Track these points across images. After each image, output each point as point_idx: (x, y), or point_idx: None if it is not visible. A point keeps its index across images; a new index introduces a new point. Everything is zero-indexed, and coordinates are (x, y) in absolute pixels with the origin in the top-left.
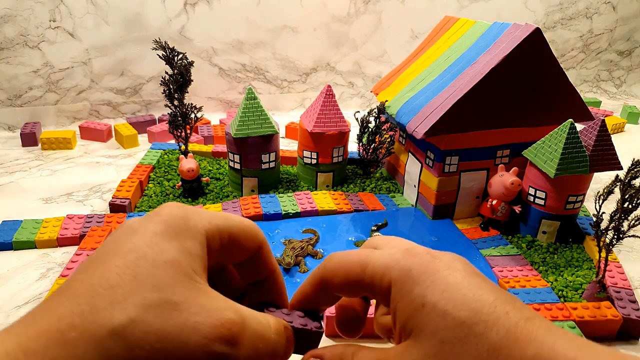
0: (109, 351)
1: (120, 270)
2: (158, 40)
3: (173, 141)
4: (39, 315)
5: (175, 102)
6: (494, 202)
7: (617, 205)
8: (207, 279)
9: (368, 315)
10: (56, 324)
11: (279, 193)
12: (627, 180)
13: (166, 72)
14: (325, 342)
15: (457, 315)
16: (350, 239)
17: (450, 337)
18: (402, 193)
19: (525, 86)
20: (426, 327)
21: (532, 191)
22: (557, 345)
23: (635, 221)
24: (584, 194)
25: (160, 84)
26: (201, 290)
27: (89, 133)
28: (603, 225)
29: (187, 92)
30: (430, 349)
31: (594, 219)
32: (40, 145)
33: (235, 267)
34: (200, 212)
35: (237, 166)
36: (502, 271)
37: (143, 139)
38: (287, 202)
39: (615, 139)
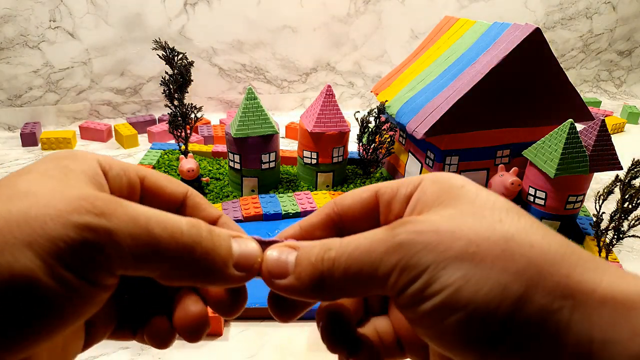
0: None
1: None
2: (158, 40)
3: (173, 141)
4: None
5: (175, 102)
6: None
7: (617, 205)
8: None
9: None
10: None
11: (279, 193)
12: (627, 180)
13: (166, 72)
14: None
15: (498, 199)
16: None
17: (492, 205)
18: None
19: (526, 86)
20: (464, 197)
21: (532, 191)
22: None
23: (635, 221)
24: (584, 194)
25: (160, 84)
26: (65, 182)
27: (89, 133)
28: (603, 225)
29: (187, 92)
30: (467, 208)
31: (594, 219)
32: (40, 145)
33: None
34: (96, 154)
35: (237, 166)
36: None
37: (143, 139)
38: (287, 202)
39: (615, 139)
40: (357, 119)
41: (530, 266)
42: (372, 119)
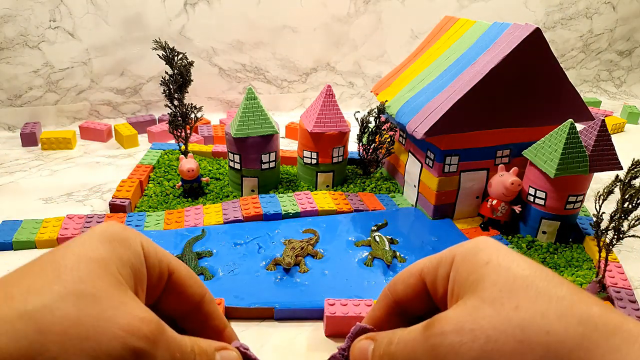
0: (19, 332)
1: (45, 263)
2: (158, 40)
3: (173, 141)
4: None
5: (175, 102)
6: (494, 202)
7: (617, 205)
8: (141, 297)
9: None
10: None
11: (279, 193)
12: (627, 180)
13: (166, 72)
14: (324, 342)
15: (519, 271)
16: (350, 238)
17: (511, 286)
18: (402, 193)
19: (525, 86)
20: (487, 279)
21: (532, 191)
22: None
23: (635, 221)
24: (584, 194)
25: (160, 84)
26: (123, 291)
27: (89, 133)
28: (603, 225)
29: (187, 92)
30: (488, 295)
31: (594, 219)
32: (40, 145)
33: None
34: (141, 235)
35: (237, 166)
36: None
37: (143, 139)
38: (287, 202)
39: (615, 139)
40: (357, 119)
41: (547, 355)
42: (372, 119)
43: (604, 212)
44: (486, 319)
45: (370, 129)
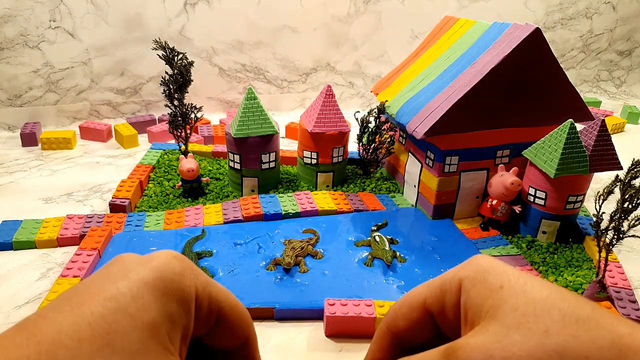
0: None
1: (94, 321)
2: (158, 40)
3: (173, 141)
4: None
5: (175, 102)
6: (494, 202)
7: (617, 205)
8: (183, 350)
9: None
10: None
11: (279, 193)
12: (627, 180)
13: (166, 72)
14: (324, 342)
15: (537, 293)
16: (350, 238)
17: (533, 309)
18: (402, 193)
19: (525, 86)
20: (505, 304)
21: (532, 191)
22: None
23: (635, 221)
24: (584, 194)
25: (160, 84)
26: None
27: (89, 133)
28: (603, 225)
29: (187, 92)
30: (511, 321)
31: (594, 219)
32: (40, 145)
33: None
34: (197, 273)
35: (237, 166)
36: None
37: (143, 139)
38: (287, 202)
39: (615, 139)
40: (357, 119)
41: None
42: (372, 119)
43: (604, 212)
44: (517, 346)
45: (370, 129)
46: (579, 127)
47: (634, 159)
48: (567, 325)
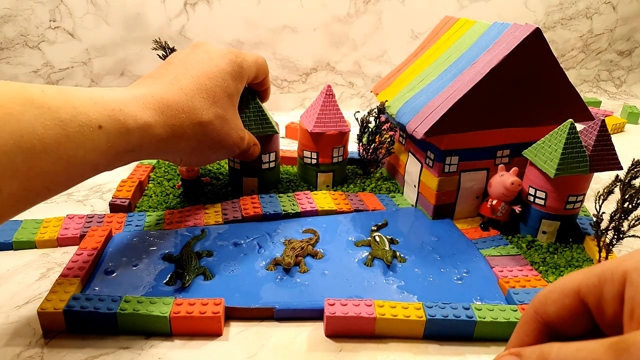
0: (198, 130)
1: (209, 88)
2: (158, 40)
3: None
4: (164, 90)
5: None
6: (494, 202)
7: (617, 205)
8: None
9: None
10: (175, 105)
11: (279, 193)
12: (627, 180)
13: None
14: (324, 342)
15: None
16: (350, 238)
17: None
18: (402, 193)
19: (525, 86)
20: None
21: (532, 191)
22: None
23: (635, 221)
24: (584, 194)
25: None
26: (236, 114)
27: None
28: (603, 225)
29: None
30: None
31: (594, 219)
32: None
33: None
34: (247, 59)
35: (237, 166)
36: (502, 271)
37: None
38: (287, 202)
39: (615, 139)
40: (357, 119)
41: None
42: (372, 119)
43: (604, 212)
44: None
45: (370, 129)
46: (579, 127)
47: (634, 159)
48: None
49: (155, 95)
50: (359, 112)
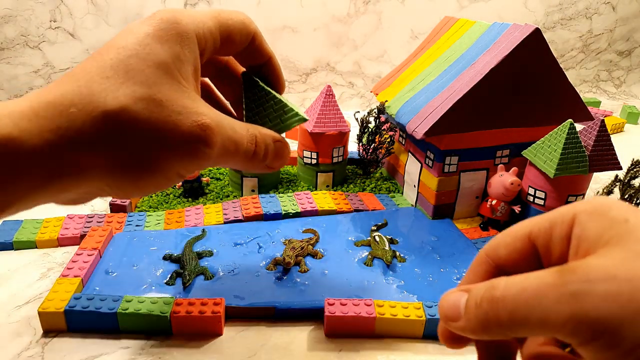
0: (102, 128)
1: (114, 63)
2: None
3: None
4: (48, 90)
5: None
6: (494, 202)
7: None
8: (197, 85)
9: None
10: (60, 98)
11: (279, 193)
12: (626, 181)
13: None
14: (324, 342)
15: None
16: (350, 238)
17: None
18: (402, 193)
19: (525, 86)
20: (631, 235)
21: (531, 191)
22: None
23: None
24: (584, 194)
25: None
26: (185, 93)
27: None
28: None
29: None
30: (634, 250)
31: None
32: None
33: (234, 56)
34: (191, 15)
35: None
36: None
37: None
38: (287, 202)
39: (615, 139)
40: (357, 119)
41: None
42: (372, 119)
43: None
44: None
45: (370, 129)
46: (579, 127)
47: (633, 159)
48: None
49: (30, 96)
50: (358, 112)
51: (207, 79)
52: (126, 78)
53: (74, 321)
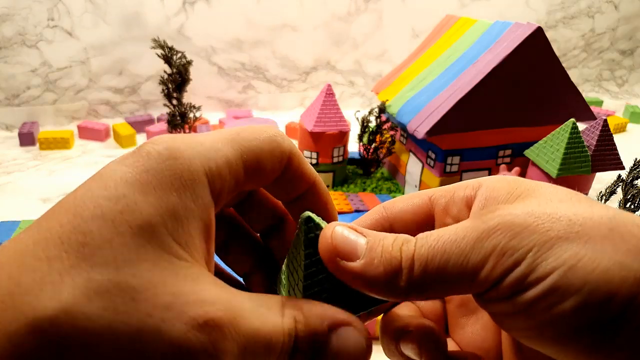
0: (27, 347)
1: (66, 233)
2: (157, 39)
3: None
4: None
5: (174, 102)
6: None
7: (620, 205)
8: (208, 248)
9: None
10: None
11: None
12: (629, 180)
13: (165, 71)
14: None
15: (578, 193)
16: None
17: (574, 196)
18: (403, 193)
19: (527, 85)
20: (540, 189)
21: None
22: None
23: None
24: (586, 194)
25: (159, 83)
26: (181, 272)
27: (87, 133)
28: None
29: (186, 91)
30: (551, 198)
31: None
32: (38, 144)
33: (266, 188)
34: (198, 142)
35: None
36: None
37: (141, 138)
38: None
39: (618, 138)
40: (357, 118)
41: None
42: (372, 118)
43: None
44: (562, 208)
45: (370, 129)
46: (581, 126)
47: (636, 159)
48: (614, 208)
49: None
50: (359, 111)
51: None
52: (80, 257)
53: None
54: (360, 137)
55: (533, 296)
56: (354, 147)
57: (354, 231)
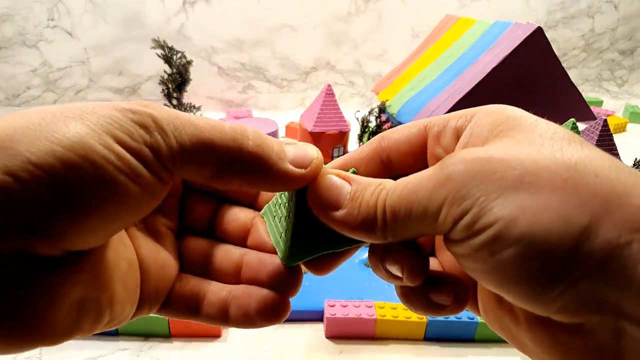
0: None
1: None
2: (157, 39)
3: None
4: None
5: (174, 102)
6: None
7: None
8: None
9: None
10: None
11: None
12: None
13: (165, 71)
14: (324, 343)
15: (557, 127)
16: None
17: (552, 134)
18: None
19: (527, 85)
20: (521, 127)
21: None
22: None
23: None
24: None
25: (159, 83)
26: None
27: None
28: None
29: (186, 91)
30: (524, 138)
31: None
32: None
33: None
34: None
35: None
36: None
37: None
38: None
39: (617, 138)
40: (357, 118)
41: (595, 197)
42: (372, 118)
43: None
44: (524, 153)
45: (370, 129)
46: (581, 126)
47: (635, 159)
48: (584, 150)
49: None
50: (359, 111)
51: None
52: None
53: None
54: (360, 137)
55: (479, 243)
56: (354, 147)
57: (340, 179)
